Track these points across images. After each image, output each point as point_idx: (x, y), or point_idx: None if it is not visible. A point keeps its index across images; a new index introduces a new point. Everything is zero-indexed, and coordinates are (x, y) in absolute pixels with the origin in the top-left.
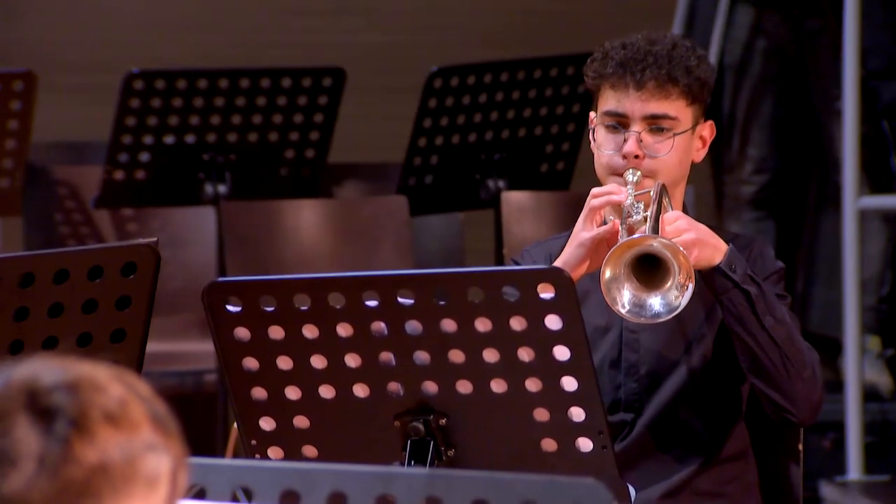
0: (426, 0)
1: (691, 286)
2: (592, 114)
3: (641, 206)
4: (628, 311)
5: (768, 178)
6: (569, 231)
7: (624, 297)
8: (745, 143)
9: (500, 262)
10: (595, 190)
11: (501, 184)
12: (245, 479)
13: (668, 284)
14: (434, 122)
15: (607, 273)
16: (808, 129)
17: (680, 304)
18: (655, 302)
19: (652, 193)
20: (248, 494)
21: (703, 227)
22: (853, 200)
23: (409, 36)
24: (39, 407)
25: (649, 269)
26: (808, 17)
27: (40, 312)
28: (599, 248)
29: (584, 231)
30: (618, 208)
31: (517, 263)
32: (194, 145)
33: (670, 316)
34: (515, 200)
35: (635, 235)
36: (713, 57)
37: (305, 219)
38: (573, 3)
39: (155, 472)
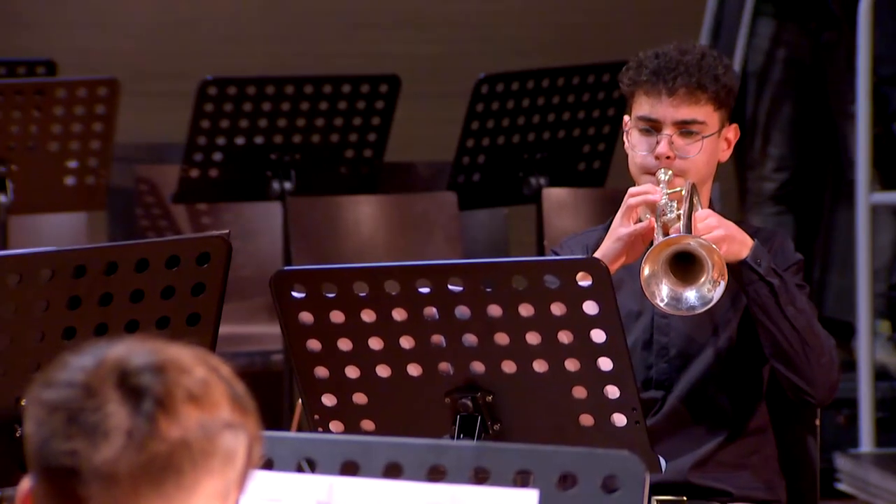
0: (474, 15)
1: (723, 282)
2: (626, 117)
3: (674, 204)
4: (666, 305)
5: (788, 176)
6: (603, 224)
7: (662, 292)
8: (767, 143)
9: (541, 252)
10: (632, 189)
11: (543, 181)
12: (309, 451)
13: (703, 279)
14: (481, 124)
15: (646, 270)
16: (825, 131)
17: (713, 297)
18: (691, 295)
19: (683, 192)
20: (312, 465)
21: (730, 223)
22: (866, 196)
23: (459, 46)
24: (129, 386)
25: (685, 266)
26: (825, 30)
27: (123, 298)
28: (635, 243)
29: (621, 227)
30: (652, 206)
31: (556, 254)
32: (262, 146)
33: (704, 308)
34: (555, 196)
35: (672, 235)
36: (737, 65)
37: (363, 213)
38: (608, 16)
39: (232, 449)
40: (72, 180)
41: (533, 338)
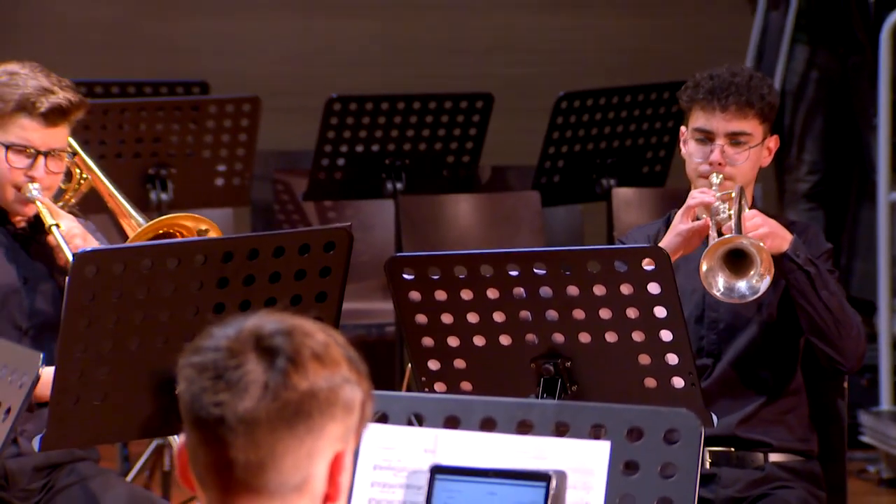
0: (555, 42)
1: (769, 276)
2: (683, 128)
3: (726, 205)
4: (722, 294)
5: (819, 178)
6: (663, 217)
7: (718, 284)
8: (802, 150)
9: (610, 242)
10: (692, 192)
11: (612, 182)
12: (417, 408)
13: (752, 273)
14: (561, 134)
15: (704, 266)
16: (851, 140)
17: (761, 288)
18: (742, 286)
19: (734, 195)
20: (419, 419)
21: (773, 221)
22: (885, 195)
23: (542, 69)
24: (264, 347)
25: (737, 261)
26: (851, 54)
27: (263, 279)
28: (692, 238)
29: (681, 224)
30: (708, 207)
31: (623, 242)
32: (378, 153)
33: (754, 297)
34: (623, 195)
35: (725, 235)
36: (777, 85)
37: (462, 209)
38: (667, 43)
39: (351, 399)
40: (220, 181)
41: (605, 313)
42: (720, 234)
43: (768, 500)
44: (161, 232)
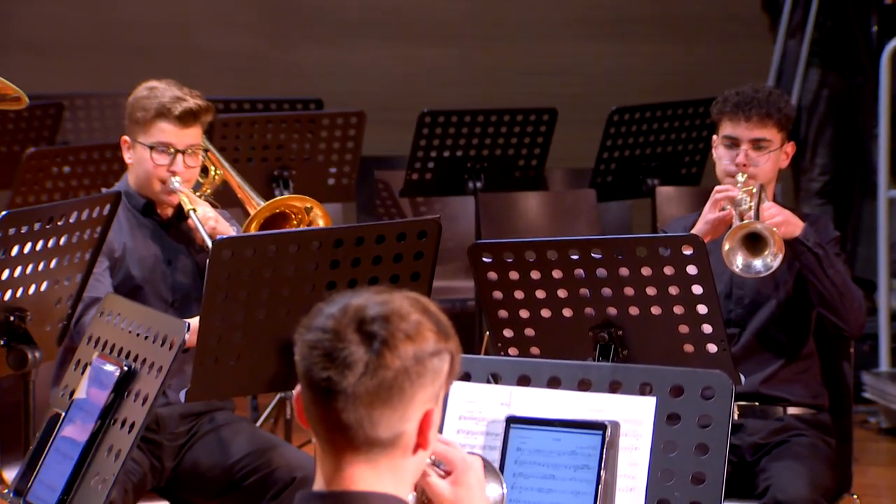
0: (607, 66)
1: (781, 254)
2: (714, 136)
3: (747, 198)
4: (740, 270)
5: (829, 178)
6: (698, 211)
7: (738, 261)
8: (814, 155)
9: (654, 231)
10: (717, 187)
11: (656, 181)
12: (495, 368)
13: (766, 252)
14: (613, 142)
15: (726, 245)
16: (855, 147)
17: (774, 265)
18: (758, 263)
19: (754, 190)
20: (496, 378)
21: (787, 211)
22: (884, 192)
23: (596, 88)
24: (364, 331)
25: (754, 242)
26: (857, 75)
27: (367, 261)
28: (719, 225)
29: (709, 214)
30: (732, 200)
31: (665, 232)
32: (461, 157)
33: (767, 273)
34: (665, 192)
35: (745, 221)
36: (793, 100)
37: (531, 204)
38: (700, 66)
39: (438, 368)
40: (332, 181)
41: (650, 290)
42: (741, 221)
43: (787, 445)
44: (277, 211)
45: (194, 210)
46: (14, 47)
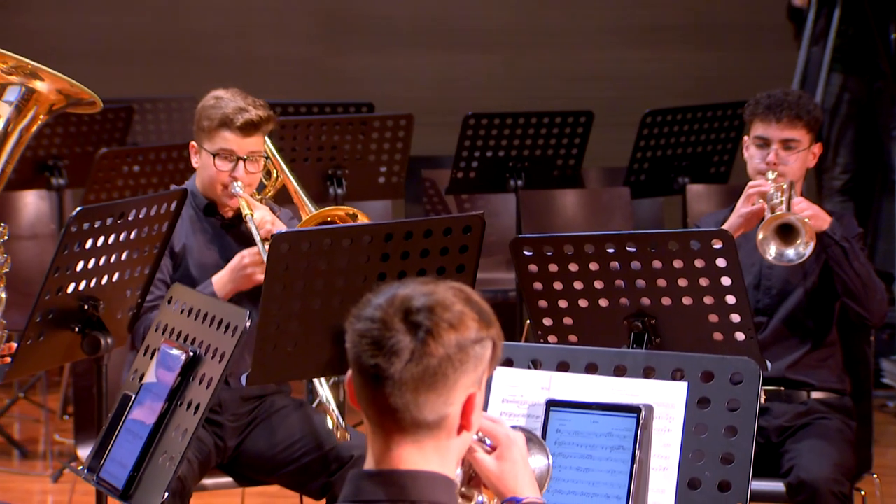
0: (640, 71)
1: (812, 244)
2: (746, 137)
3: (778, 193)
4: (773, 258)
5: (850, 176)
6: (728, 207)
7: (771, 250)
8: (836, 155)
9: (685, 227)
10: (751, 183)
11: (686, 179)
12: (535, 355)
13: (798, 242)
14: (646, 142)
15: (760, 235)
16: (875, 148)
17: (805, 253)
18: (790, 252)
19: (784, 186)
20: (537, 364)
21: (816, 206)
22: None
23: (630, 92)
24: (410, 321)
25: (786, 233)
26: (876, 80)
27: (415, 254)
28: (752, 219)
29: (742, 208)
30: (764, 195)
31: (698, 227)
32: (503, 157)
33: (799, 261)
34: (695, 190)
35: (777, 213)
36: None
37: (569, 200)
38: (728, 71)
39: (480, 355)
40: (382, 179)
41: (682, 282)
42: (774, 213)
43: (810, 427)
44: (326, 219)
45: (251, 215)
46: (87, 55)
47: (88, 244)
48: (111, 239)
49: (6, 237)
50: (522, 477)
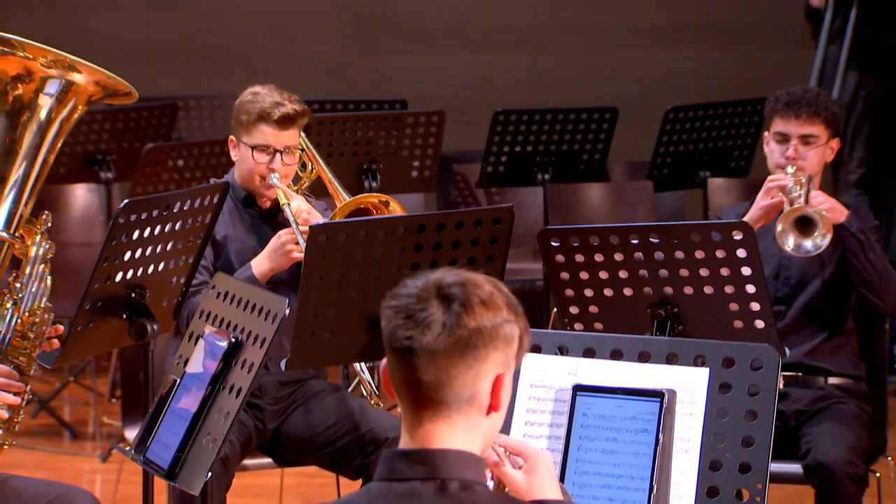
0: (662, 69)
1: (829, 235)
2: (766, 133)
3: (797, 187)
4: (792, 249)
5: (865, 170)
6: (748, 200)
7: (790, 241)
8: (852, 150)
9: (706, 219)
10: (770, 177)
11: (707, 173)
12: (562, 342)
13: (816, 233)
14: (669, 138)
15: (779, 227)
16: (890, 142)
17: (822, 245)
18: (808, 244)
19: (803, 180)
20: (564, 350)
21: (834, 199)
22: None
23: (655, 91)
24: (443, 294)
25: (804, 225)
26: (891, 77)
27: (447, 245)
28: (771, 211)
29: (762, 201)
30: (783, 188)
31: (719, 219)
32: (531, 152)
33: (816, 252)
34: (716, 183)
35: (795, 205)
36: None
37: (594, 193)
38: (748, 69)
39: (510, 334)
40: (415, 173)
41: (704, 271)
42: (792, 206)
43: (827, 412)
44: (360, 206)
45: (288, 204)
46: (136, 55)
47: (135, 235)
48: (157, 230)
49: (49, 224)
50: (551, 492)
